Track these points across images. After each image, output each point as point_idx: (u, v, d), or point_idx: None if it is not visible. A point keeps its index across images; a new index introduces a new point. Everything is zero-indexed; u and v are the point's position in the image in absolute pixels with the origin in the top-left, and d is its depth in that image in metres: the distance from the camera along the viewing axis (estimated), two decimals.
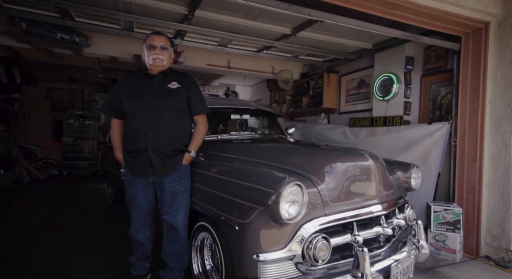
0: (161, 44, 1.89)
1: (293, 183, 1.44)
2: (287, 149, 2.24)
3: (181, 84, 1.92)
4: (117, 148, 1.98)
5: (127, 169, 1.94)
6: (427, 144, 3.19)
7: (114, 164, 3.99)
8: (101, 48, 4.14)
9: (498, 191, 2.66)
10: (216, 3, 2.67)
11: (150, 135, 1.80)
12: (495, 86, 2.72)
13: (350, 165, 1.83)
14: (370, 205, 1.84)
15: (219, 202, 1.74)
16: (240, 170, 1.77)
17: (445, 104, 3.35)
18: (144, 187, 1.90)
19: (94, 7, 2.80)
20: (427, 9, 2.40)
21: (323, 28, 3.22)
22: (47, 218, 3.63)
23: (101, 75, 6.16)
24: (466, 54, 2.87)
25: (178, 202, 1.89)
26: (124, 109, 1.88)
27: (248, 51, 4.27)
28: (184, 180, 1.92)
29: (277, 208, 1.39)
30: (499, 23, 2.72)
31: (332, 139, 4.58)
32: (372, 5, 2.27)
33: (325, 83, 4.93)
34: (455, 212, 2.67)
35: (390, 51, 3.85)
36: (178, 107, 1.89)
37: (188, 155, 1.91)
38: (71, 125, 7.11)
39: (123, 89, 1.91)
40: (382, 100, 3.92)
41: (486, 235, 2.72)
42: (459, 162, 2.87)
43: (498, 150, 2.67)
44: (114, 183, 4.05)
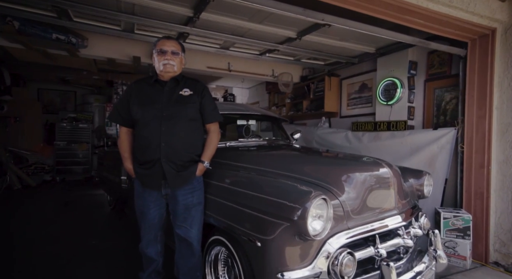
0: (172, 49, 1.81)
1: (319, 197, 1.38)
2: (302, 157, 2.19)
3: (193, 91, 1.84)
4: (127, 158, 1.88)
5: (137, 181, 1.84)
6: (433, 149, 3.19)
7: (112, 170, 3.87)
8: (99, 49, 4.00)
9: (506, 197, 2.67)
10: (224, 6, 2.59)
11: (163, 146, 1.71)
12: (501, 93, 2.73)
13: (369, 174, 1.79)
14: (390, 215, 1.80)
15: (237, 215, 1.66)
16: (259, 182, 1.69)
17: (449, 109, 3.36)
18: (156, 200, 1.81)
19: (95, 8, 2.69)
20: (438, 14, 2.39)
21: (328, 32, 3.18)
22: (44, 228, 3.46)
23: (96, 76, 5.99)
24: (472, 60, 2.87)
25: (192, 215, 1.81)
26: (134, 118, 1.79)
27: (250, 54, 4.20)
28: (198, 191, 1.84)
29: (304, 224, 1.33)
30: (505, 30, 2.74)
31: (334, 143, 4.56)
32: (385, 10, 2.24)
33: (326, 87, 4.90)
34: (465, 219, 2.67)
35: (393, 56, 3.85)
36: (191, 115, 1.81)
37: (202, 165, 1.84)
38: (64, 128, 6.88)
39: (133, 96, 1.82)
40: (385, 104, 3.92)
41: (495, 241, 2.73)
42: (467, 168, 2.87)
43: (506, 156, 2.68)
44: (113, 190, 3.92)
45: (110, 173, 3.96)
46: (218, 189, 1.88)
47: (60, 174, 6.74)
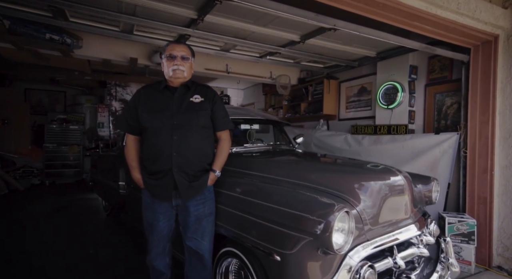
0: (182, 54, 1.74)
1: (343, 210, 1.34)
2: (314, 165, 2.14)
3: (204, 98, 1.77)
4: (134, 168, 1.79)
5: (146, 191, 1.76)
6: (436, 154, 3.21)
7: (108, 174, 3.74)
8: (94, 50, 3.86)
9: (509, 202, 2.70)
10: (230, 9, 2.52)
11: (174, 155, 1.64)
12: (504, 99, 2.77)
13: (385, 182, 1.76)
14: (406, 225, 1.78)
15: (253, 227, 1.60)
16: (276, 192, 1.64)
17: (450, 114, 3.39)
18: (166, 211, 1.73)
19: (94, 8, 2.57)
20: (445, 21, 2.39)
21: (332, 36, 3.16)
22: (36, 236, 3.31)
23: (88, 77, 5.80)
24: (475, 66, 2.90)
25: (203, 226, 1.74)
26: (143, 126, 1.71)
27: (250, 56, 4.14)
28: (209, 201, 1.77)
29: (329, 239, 1.28)
30: (508, 37, 2.77)
31: (333, 146, 4.55)
32: (396, 16, 2.23)
33: (325, 90, 4.89)
34: (469, 224, 2.69)
35: (394, 60, 3.86)
36: (203, 123, 1.74)
37: (213, 175, 1.77)
38: (53, 130, 6.65)
39: (141, 103, 1.73)
40: (386, 108, 3.93)
41: (498, 246, 2.76)
42: (470, 172, 2.90)
43: (509, 161, 2.72)
44: (109, 196, 3.78)
45: (106, 177, 3.82)
46: (230, 198, 1.81)
47: (50, 178, 6.50)
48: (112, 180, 3.54)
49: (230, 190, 1.85)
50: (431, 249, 2.08)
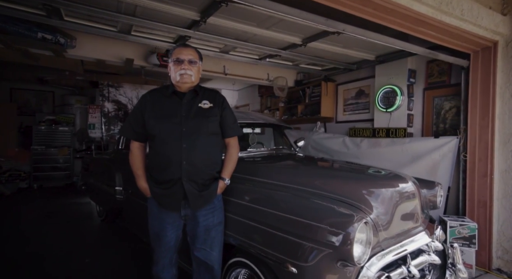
0: (189, 57, 1.67)
1: (362, 221, 1.31)
2: (324, 171, 2.11)
3: (213, 103, 1.71)
4: (140, 176, 1.71)
5: (152, 201, 1.68)
6: (435, 158, 3.24)
7: (104, 179, 3.62)
8: (88, 50, 3.73)
9: (508, 205, 2.75)
10: (235, 11, 2.47)
11: (184, 164, 1.57)
12: (503, 104, 2.82)
13: (396, 190, 1.75)
14: (418, 232, 1.77)
15: (266, 238, 1.56)
16: (289, 201, 1.59)
17: (449, 118, 3.43)
18: (174, 222, 1.66)
19: (92, 8, 2.47)
20: (449, 26, 2.41)
21: (335, 40, 3.15)
22: (27, 245, 3.16)
23: (80, 77, 5.62)
24: (475, 71, 2.94)
25: (212, 236, 1.68)
26: (150, 133, 1.64)
27: (249, 58, 4.09)
28: (218, 210, 1.71)
29: (349, 251, 1.25)
30: (507, 43, 2.82)
31: (331, 149, 4.55)
32: (403, 22, 2.22)
33: (322, 92, 4.89)
34: (471, 227, 2.72)
35: (393, 64, 3.89)
36: (212, 130, 1.68)
37: (223, 183, 1.71)
38: (41, 131, 6.41)
39: (148, 109, 1.66)
40: (385, 111, 3.95)
41: (497, 248, 2.80)
42: (470, 176, 2.94)
43: (508, 165, 2.76)
44: (104, 200, 3.66)
45: (101, 181, 3.70)
46: (240, 207, 1.76)
47: (38, 181, 6.27)
48: (107, 184, 3.43)
49: (239, 198, 1.79)
50: (438, 255, 2.09)
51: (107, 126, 5.80)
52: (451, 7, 2.29)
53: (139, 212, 2.77)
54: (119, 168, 3.25)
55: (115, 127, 5.91)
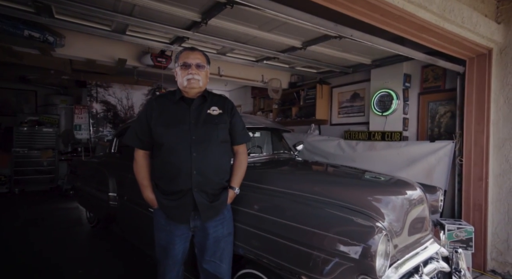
0: (197, 61, 1.60)
1: (383, 233, 1.29)
2: (333, 178, 2.08)
3: (222, 110, 1.65)
4: (146, 186, 1.62)
5: (159, 212, 1.60)
6: (431, 161, 3.29)
7: (95, 184, 3.46)
8: (78, 49, 3.56)
9: (503, 208, 2.83)
10: (237, 13, 2.41)
11: (194, 174, 1.50)
12: (498, 109, 2.90)
13: (407, 197, 1.74)
14: (428, 239, 1.78)
15: (279, 248, 1.51)
16: (303, 211, 1.55)
17: (444, 122, 3.50)
18: (183, 234, 1.58)
19: (87, 6, 2.35)
20: (450, 33, 2.45)
21: (335, 44, 3.14)
22: (13, 255, 2.97)
23: (65, 76, 5.37)
24: (470, 77, 3.01)
25: (221, 248, 1.61)
26: (158, 141, 1.55)
27: (245, 60, 4.04)
28: (228, 221, 1.65)
29: (372, 264, 1.23)
30: (501, 50, 2.90)
31: (326, 151, 4.56)
32: (407, 28, 2.24)
33: (318, 95, 4.90)
34: (468, 230, 2.78)
35: (388, 68, 3.94)
36: (222, 138, 1.61)
37: (232, 192, 1.65)
38: (23, 133, 6.09)
39: (155, 116, 1.57)
40: (380, 115, 3.99)
41: (492, 250, 2.88)
42: (466, 180, 3.01)
43: (502, 169, 2.84)
44: (95, 206, 3.51)
45: (92, 186, 3.54)
46: (251, 216, 1.70)
47: (19, 185, 5.95)
48: (99, 189, 3.28)
49: (249, 207, 1.74)
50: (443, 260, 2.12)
51: (95, 128, 5.58)
52: (453, 15, 2.33)
53: (136, 219, 2.67)
54: (113, 173, 3.12)
55: (104, 129, 5.70)
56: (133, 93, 5.76)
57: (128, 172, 2.86)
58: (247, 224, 1.70)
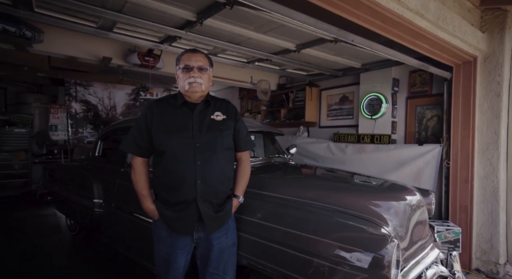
0: (199, 64, 1.52)
1: (396, 242, 1.27)
2: (335, 184, 2.06)
3: (226, 115, 1.58)
4: (146, 197, 1.52)
5: (160, 223, 1.50)
6: (419, 164, 3.39)
7: (76, 189, 3.26)
8: (58, 45, 3.34)
9: (487, 209, 2.95)
10: (234, 14, 2.34)
11: (199, 183, 1.42)
12: (482, 115, 3.02)
13: (409, 203, 1.76)
14: (429, 244, 1.81)
15: (285, 258, 1.47)
16: (311, 219, 1.52)
17: (431, 126, 3.62)
18: (185, 246, 1.50)
19: (74, 1, 2.18)
20: (442, 41, 2.51)
21: (329, 47, 3.15)
22: None
23: (42, 74, 5.03)
24: (457, 84, 3.12)
25: (225, 260, 1.55)
26: (159, 149, 1.46)
27: (236, 61, 3.97)
28: (231, 231, 1.58)
29: (388, 276, 1.21)
30: (485, 58, 3.03)
31: (316, 154, 4.59)
32: (404, 34, 2.27)
33: (307, 97, 4.92)
34: (455, 231, 2.87)
35: (377, 72, 4.02)
36: (227, 145, 1.55)
37: (237, 201, 1.59)
38: None
39: (155, 122, 1.48)
40: (370, 118, 4.06)
41: (476, 250, 3.01)
42: (453, 182, 3.11)
43: (486, 172, 2.97)
44: (77, 213, 3.30)
45: (73, 192, 3.33)
46: (255, 225, 1.65)
47: None
48: (82, 195, 3.09)
49: (253, 216, 1.68)
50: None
51: (74, 129, 5.27)
52: (446, 23, 2.39)
53: (126, 228, 2.52)
54: (98, 178, 2.95)
55: (84, 130, 5.40)
56: (116, 92, 5.50)
57: (116, 177, 2.71)
58: (251, 233, 1.65)
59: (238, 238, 1.65)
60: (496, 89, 2.94)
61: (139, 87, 5.78)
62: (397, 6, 1.95)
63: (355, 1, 1.74)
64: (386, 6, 1.87)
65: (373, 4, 1.81)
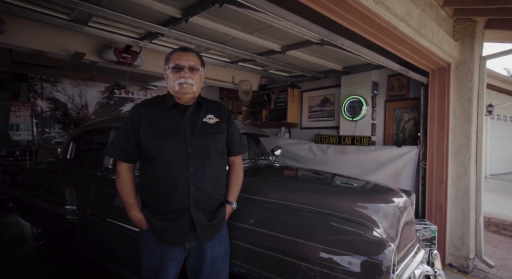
0: (190, 63, 1.43)
1: (393, 247, 1.28)
2: (324, 187, 2.06)
3: (219, 118, 1.51)
4: (133, 205, 1.40)
5: (148, 234, 1.40)
6: (398, 165, 3.52)
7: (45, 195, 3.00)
8: (22, 38, 3.05)
9: (459, 208, 3.13)
10: (221, 13, 2.27)
11: (192, 190, 1.34)
12: (455, 119, 3.20)
13: (397, 205, 1.79)
14: (415, 245, 1.86)
15: (278, 266, 1.44)
16: (304, 224, 1.49)
17: (408, 128, 3.77)
18: (176, 257, 1.40)
19: None
20: (422, 47, 2.61)
21: (314, 50, 3.17)
22: None
23: (1, 68, 4.59)
24: (433, 88, 3.28)
25: (218, 269, 1.48)
26: (149, 154, 1.35)
27: (219, 61, 3.88)
28: (224, 238, 1.52)
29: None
30: (457, 65, 3.21)
31: (298, 155, 4.62)
32: (389, 40, 2.33)
33: (289, 98, 4.94)
34: (432, 230, 3.02)
35: (358, 75, 4.12)
36: (220, 149, 1.48)
37: (230, 208, 1.53)
38: None
39: (144, 125, 1.37)
40: (350, 120, 4.16)
41: (449, 246, 3.18)
42: (429, 183, 3.27)
43: (458, 173, 3.15)
44: (46, 221, 3.03)
45: (41, 198, 3.06)
46: (247, 232, 1.59)
47: None
48: (52, 202, 2.85)
49: (243, 221, 1.63)
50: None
51: (39, 129, 4.87)
52: (426, 30, 2.49)
53: (105, 236, 2.35)
54: (70, 182, 2.73)
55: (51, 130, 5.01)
56: (88, 90, 5.15)
57: (92, 181, 2.53)
58: (243, 239, 1.59)
59: (232, 245, 1.58)
60: (467, 94, 3.13)
61: (114, 85, 5.47)
62: (385, 12, 1.99)
63: (347, 6, 1.74)
64: (375, 12, 1.90)
65: (363, 9, 1.82)
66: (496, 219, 4.33)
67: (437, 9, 2.92)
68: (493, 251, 3.63)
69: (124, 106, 5.68)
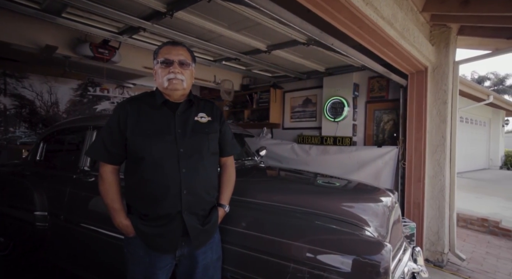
0: (180, 58, 1.35)
1: (390, 248, 1.29)
2: (314, 188, 2.04)
3: (211, 117, 1.44)
4: (118, 210, 1.29)
5: (136, 241, 1.29)
6: (379, 165, 3.62)
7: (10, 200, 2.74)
8: None
9: (435, 205, 3.28)
10: (209, 9, 2.19)
11: (184, 194, 1.26)
12: (431, 120, 3.34)
13: (386, 205, 1.82)
14: (403, 243, 1.90)
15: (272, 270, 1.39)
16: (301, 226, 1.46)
17: (387, 129, 3.90)
18: (167, 265, 1.31)
19: None
20: (404, 50, 2.70)
21: (299, 50, 3.18)
22: None
23: None
24: (411, 90, 3.41)
25: (210, 276, 1.41)
26: (137, 155, 1.25)
27: (203, 59, 3.78)
28: (217, 244, 1.45)
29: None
30: (433, 69, 3.36)
31: (281, 155, 4.63)
32: (374, 41, 2.37)
33: (271, 98, 4.93)
34: (411, 227, 3.12)
35: (340, 77, 4.20)
36: (213, 149, 1.41)
37: (223, 211, 1.46)
38: None
39: (131, 124, 1.27)
40: (332, 121, 4.22)
41: (426, 242, 3.31)
42: (407, 181, 3.39)
43: (435, 172, 3.29)
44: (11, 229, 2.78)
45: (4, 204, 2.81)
46: (238, 235, 1.53)
47: None
48: (18, 207, 2.62)
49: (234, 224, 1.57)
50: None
51: (2, 128, 4.46)
52: (408, 34, 2.57)
53: (81, 244, 2.18)
54: (41, 186, 2.51)
55: (16, 129, 4.61)
56: (58, 87, 4.80)
57: (66, 185, 2.34)
58: (234, 243, 1.53)
59: (224, 250, 1.52)
60: (443, 97, 3.28)
61: (87, 82, 5.15)
62: (373, 14, 2.02)
63: (338, 4, 1.74)
64: (364, 12, 1.92)
65: (353, 9, 1.83)
66: (464, 215, 4.60)
67: (417, 14, 3.03)
68: (463, 245, 3.84)
69: (99, 104, 5.37)
